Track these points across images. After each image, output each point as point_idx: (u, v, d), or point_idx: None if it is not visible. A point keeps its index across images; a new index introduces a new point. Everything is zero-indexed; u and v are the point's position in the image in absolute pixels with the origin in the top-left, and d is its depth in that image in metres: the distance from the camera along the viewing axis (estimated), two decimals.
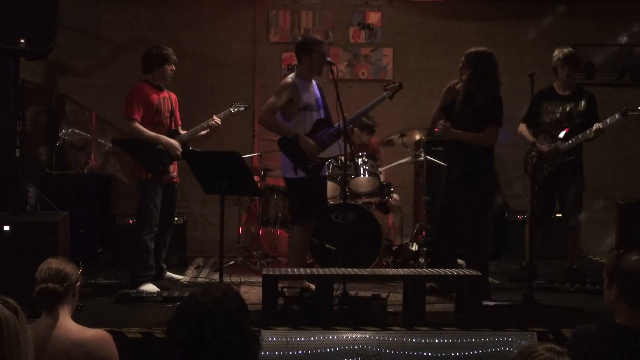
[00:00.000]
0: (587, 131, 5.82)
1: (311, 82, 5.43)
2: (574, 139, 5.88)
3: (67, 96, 7.63)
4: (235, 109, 6.14)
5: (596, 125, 5.79)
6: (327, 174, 5.80)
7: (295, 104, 5.29)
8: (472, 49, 5.52)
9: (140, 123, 5.62)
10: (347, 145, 5.11)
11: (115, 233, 6.91)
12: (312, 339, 4.13)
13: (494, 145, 5.43)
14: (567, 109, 5.97)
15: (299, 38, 5.66)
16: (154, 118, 5.70)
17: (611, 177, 7.99)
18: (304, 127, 5.32)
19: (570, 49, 6.10)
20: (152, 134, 5.64)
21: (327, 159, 5.49)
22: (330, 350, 4.10)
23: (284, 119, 5.36)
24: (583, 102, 5.97)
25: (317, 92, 5.47)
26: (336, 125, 5.35)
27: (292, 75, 5.43)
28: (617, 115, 5.81)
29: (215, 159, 4.92)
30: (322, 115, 5.45)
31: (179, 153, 5.71)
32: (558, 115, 5.99)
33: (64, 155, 7.52)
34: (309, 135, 5.31)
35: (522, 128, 6.22)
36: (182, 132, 5.90)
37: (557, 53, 6.05)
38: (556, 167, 5.95)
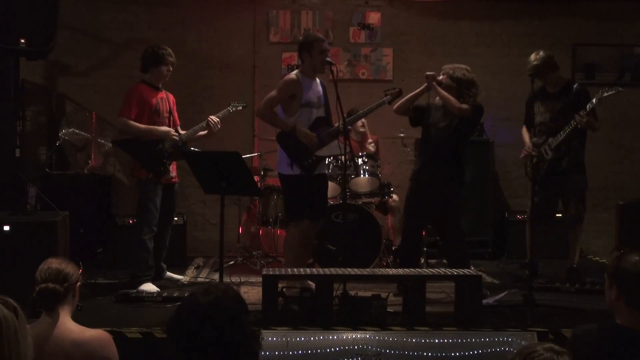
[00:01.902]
0: (572, 122, 5.82)
1: (315, 80, 5.44)
2: (562, 132, 5.88)
3: (67, 96, 7.63)
4: (233, 109, 6.13)
5: (577, 116, 5.77)
6: (327, 172, 5.78)
7: (297, 100, 5.29)
8: (455, 70, 5.42)
9: (136, 122, 5.62)
10: (346, 146, 5.10)
11: (115, 233, 6.90)
12: (312, 339, 4.13)
13: (463, 116, 5.33)
14: (559, 105, 5.98)
15: (300, 38, 5.66)
16: (152, 118, 5.70)
17: (611, 177, 7.99)
18: (303, 123, 5.32)
19: (542, 54, 5.95)
20: (144, 126, 5.64)
21: (323, 157, 5.48)
22: (330, 350, 4.10)
23: (285, 115, 5.36)
24: (572, 97, 5.96)
25: (320, 91, 5.47)
26: (335, 125, 5.35)
27: (296, 71, 5.44)
28: (594, 100, 5.79)
29: (215, 159, 4.92)
30: (323, 113, 5.45)
31: (175, 137, 5.72)
32: (551, 113, 5.99)
33: (64, 155, 7.51)
34: None
35: (524, 131, 6.27)
36: (182, 132, 5.91)
37: (532, 59, 5.95)
38: (553, 164, 5.94)
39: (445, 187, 5.38)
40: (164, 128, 5.74)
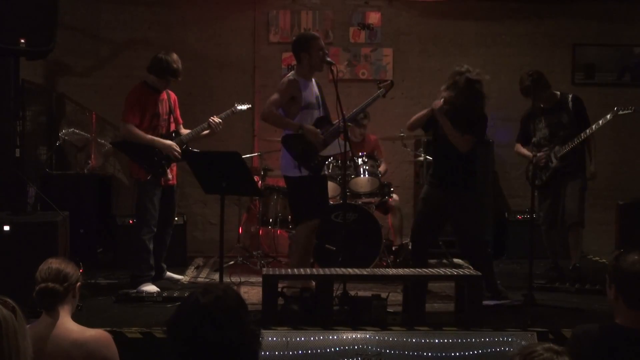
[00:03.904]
0: (582, 134, 5.86)
1: (311, 80, 5.42)
2: (569, 143, 5.92)
3: (67, 96, 7.63)
4: (237, 109, 6.13)
5: (588, 131, 5.85)
6: (327, 173, 5.79)
7: (297, 102, 5.26)
8: (463, 74, 5.27)
9: (138, 126, 5.61)
10: (346, 144, 5.10)
11: (115, 233, 6.90)
12: (312, 339, 4.13)
13: (465, 152, 5.31)
14: (558, 119, 6.02)
15: (293, 37, 5.62)
16: (151, 122, 5.69)
17: (611, 177, 7.98)
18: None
19: (531, 74, 5.82)
20: (148, 137, 5.62)
21: (328, 157, 5.47)
22: (330, 350, 4.10)
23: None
24: (572, 107, 6.00)
25: (317, 91, 5.46)
26: (335, 122, 5.34)
27: (292, 73, 5.41)
28: (608, 116, 5.84)
29: (215, 159, 4.92)
30: (322, 113, 5.44)
31: (177, 154, 5.70)
32: (551, 128, 6.03)
33: (64, 155, 7.52)
34: None
35: (518, 148, 6.28)
36: (183, 131, 5.90)
37: (524, 79, 5.87)
38: (554, 170, 5.97)
39: (461, 196, 5.34)
40: (167, 143, 5.70)
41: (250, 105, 6.32)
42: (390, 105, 7.61)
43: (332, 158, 6.11)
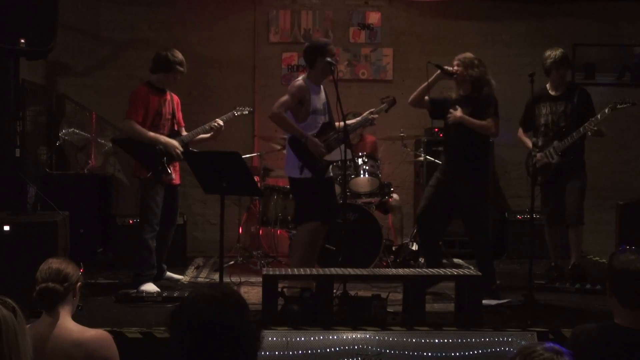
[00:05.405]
0: (581, 128, 5.85)
1: (320, 86, 5.43)
2: (569, 138, 5.90)
3: (67, 96, 7.63)
4: (238, 112, 6.13)
5: (587, 125, 5.83)
6: (331, 175, 5.78)
7: (305, 107, 5.27)
8: (468, 55, 5.57)
9: (140, 124, 5.61)
10: (347, 149, 5.11)
11: (115, 233, 6.91)
12: (312, 339, 4.13)
13: (496, 135, 5.62)
14: (562, 108, 5.99)
15: (307, 43, 5.59)
16: (154, 121, 5.69)
17: (611, 177, 7.99)
18: (312, 130, 5.30)
19: (561, 50, 6.04)
20: (151, 134, 5.63)
21: (332, 162, 5.47)
22: (330, 350, 4.10)
23: (295, 121, 5.31)
24: (577, 99, 5.99)
25: (324, 97, 5.47)
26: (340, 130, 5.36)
27: (303, 77, 5.40)
28: (606, 110, 5.84)
29: (215, 159, 4.92)
30: (327, 119, 5.45)
31: (179, 152, 5.71)
32: (554, 116, 6.01)
33: (64, 155, 7.52)
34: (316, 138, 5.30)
35: (520, 133, 6.31)
36: (184, 133, 5.90)
37: (550, 54, 6.01)
38: (556, 166, 5.97)
39: (469, 184, 5.43)
40: (170, 140, 5.69)
41: (252, 109, 6.32)
42: (387, 113, 7.60)
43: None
